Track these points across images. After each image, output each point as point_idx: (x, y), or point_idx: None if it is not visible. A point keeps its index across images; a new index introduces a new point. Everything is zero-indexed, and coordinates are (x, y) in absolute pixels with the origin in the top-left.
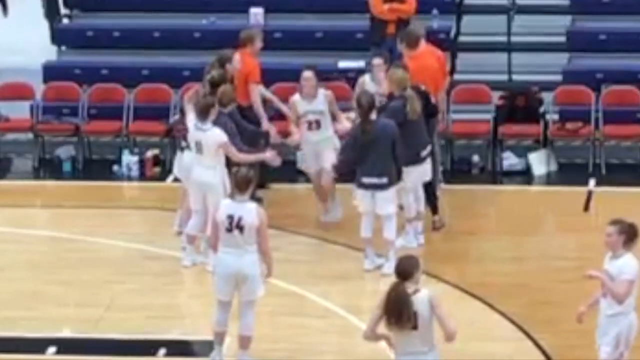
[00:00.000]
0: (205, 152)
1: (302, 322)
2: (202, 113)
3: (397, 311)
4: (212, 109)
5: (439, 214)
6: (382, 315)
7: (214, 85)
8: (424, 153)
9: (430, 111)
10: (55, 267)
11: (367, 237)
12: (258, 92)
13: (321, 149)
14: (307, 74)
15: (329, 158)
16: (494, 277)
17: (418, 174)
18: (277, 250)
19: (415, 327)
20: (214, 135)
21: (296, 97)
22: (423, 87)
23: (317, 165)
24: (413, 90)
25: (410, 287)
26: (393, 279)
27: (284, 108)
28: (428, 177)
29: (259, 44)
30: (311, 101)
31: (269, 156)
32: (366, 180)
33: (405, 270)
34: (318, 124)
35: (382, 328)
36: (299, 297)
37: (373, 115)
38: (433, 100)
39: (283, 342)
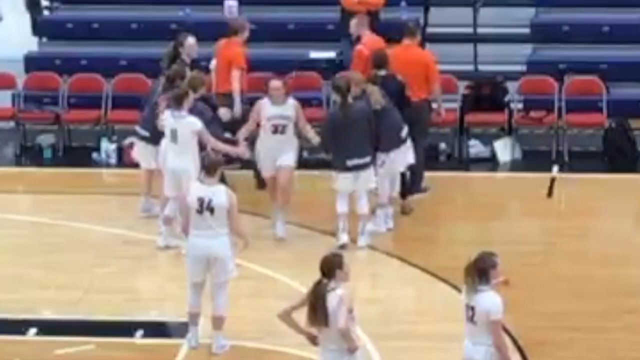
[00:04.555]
0: (179, 139)
1: (275, 305)
2: (177, 101)
3: (312, 307)
4: (186, 97)
5: (407, 199)
6: (302, 303)
7: (170, 79)
8: (403, 134)
9: (402, 102)
10: (36, 251)
11: (345, 212)
12: (239, 77)
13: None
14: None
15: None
16: (461, 260)
17: (401, 157)
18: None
19: (326, 324)
20: (189, 123)
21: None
22: (399, 77)
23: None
24: (389, 77)
25: (329, 285)
26: (366, 252)
27: None
28: (411, 160)
29: (247, 33)
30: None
31: (241, 150)
32: (350, 162)
33: (328, 268)
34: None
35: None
36: (271, 280)
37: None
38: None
39: (256, 323)
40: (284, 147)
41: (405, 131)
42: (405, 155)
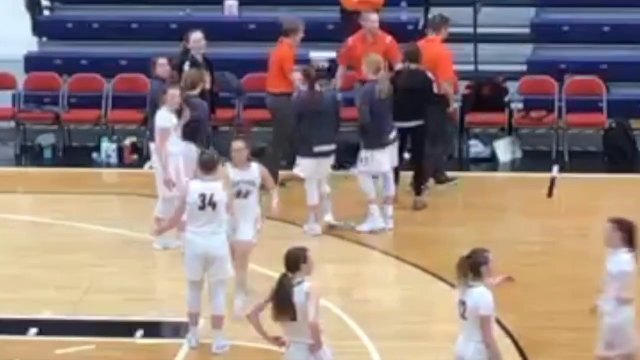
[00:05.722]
0: (155, 135)
1: None
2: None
3: (277, 301)
4: (164, 94)
5: (422, 195)
6: (267, 301)
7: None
8: (389, 138)
9: (431, 99)
10: (36, 251)
11: (316, 204)
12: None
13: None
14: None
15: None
16: None
17: (385, 158)
18: None
19: (294, 319)
20: (157, 118)
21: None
22: (429, 74)
23: None
24: (418, 72)
25: (295, 279)
26: (366, 252)
27: None
28: (395, 162)
29: (300, 34)
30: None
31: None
32: (318, 149)
33: (292, 262)
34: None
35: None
36: (269, 279)
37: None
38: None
39: None
40: (243, 214)
41: (394, 133)
42: (391, 156)
